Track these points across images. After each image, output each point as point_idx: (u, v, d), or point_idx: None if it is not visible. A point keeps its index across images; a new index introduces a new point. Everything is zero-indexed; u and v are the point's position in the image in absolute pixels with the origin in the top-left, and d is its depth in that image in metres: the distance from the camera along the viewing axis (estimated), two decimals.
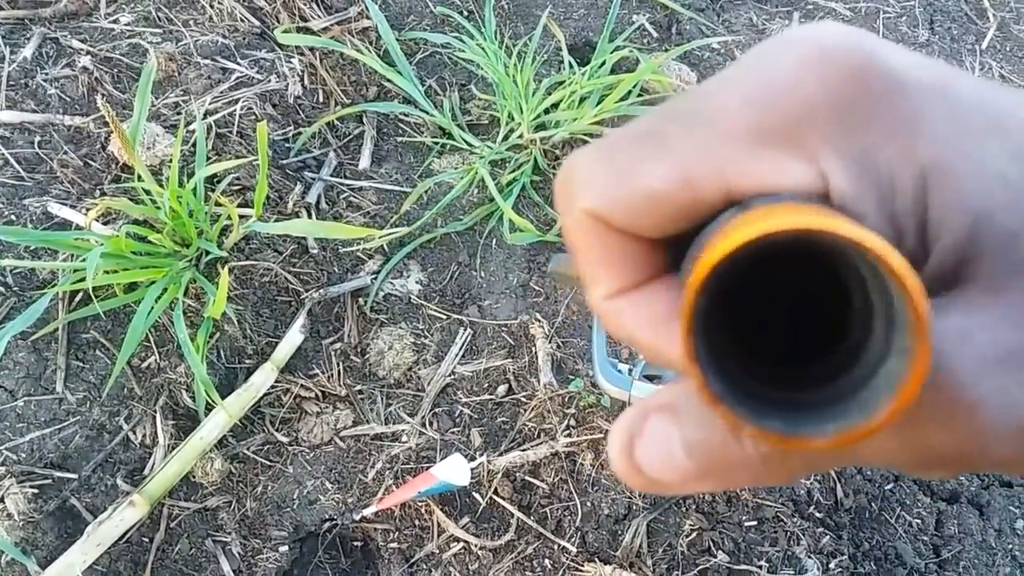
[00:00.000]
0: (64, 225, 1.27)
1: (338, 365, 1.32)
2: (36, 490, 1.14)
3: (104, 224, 1.27)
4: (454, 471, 1.14)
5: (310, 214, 1.40)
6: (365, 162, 1.51)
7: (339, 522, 1.22)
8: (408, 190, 1.46)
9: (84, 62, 1.40)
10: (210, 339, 1.25)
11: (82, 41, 1.45)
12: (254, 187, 1.26)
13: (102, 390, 1.20)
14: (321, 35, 1.53)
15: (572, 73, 1.56)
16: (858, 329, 0.20)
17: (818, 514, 1.24)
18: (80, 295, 1.21)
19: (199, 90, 1.42)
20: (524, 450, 1.25)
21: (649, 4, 1.76)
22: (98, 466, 1.18)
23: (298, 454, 1.26)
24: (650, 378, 0.96)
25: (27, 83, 1.40)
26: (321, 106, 1.53)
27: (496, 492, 1.23)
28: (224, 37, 1.50)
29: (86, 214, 1.20)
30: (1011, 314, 0.19)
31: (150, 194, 1.23)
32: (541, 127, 1.52)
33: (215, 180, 1.32)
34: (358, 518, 1.21)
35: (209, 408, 1.21)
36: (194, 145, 1.30)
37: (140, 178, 1.21)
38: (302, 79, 1.51)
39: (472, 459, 1.23)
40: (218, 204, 1.27)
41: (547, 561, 1.20)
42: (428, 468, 1.18)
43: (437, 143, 1.53)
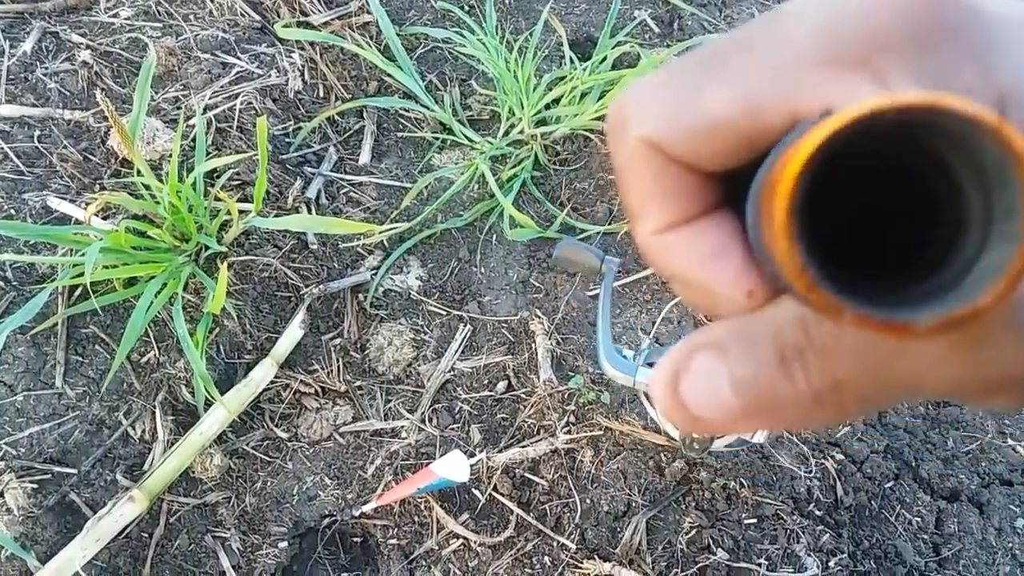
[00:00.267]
0: (63, 220, 1.26)
1: (338, 361, 1.31)
2: (35, 485, 1.14)
3: (104, 219, 1.27)
4: (453, 467, 1.14)
5: (310, 209, 1.40)
6: (365, 157, 1.50)
7: (338, 518, 1.22)
8: (408, 186, 1.46)
9: (84, 56, 1.40)
10: (209, 334, 1.25)
11: (82, 35, 1.45)
12: (254, 182, 1.26)
13: (101, 385, 1.20)
14: (321, 30, 1.52)
15: (573, 68, 1.55)
16: (948, 230, 0.19)
17: (818, 512, 1.23)
18: (79, 290, 1.21)
19: (199, 85, 1.42)
20: (524, 447, 1.25)
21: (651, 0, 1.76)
22: (97, 461, 1.18)
23: (297, 450, 1.26)
24: (654, 365, 0.95)
25: (27, 77, 1.39)
26: (321, 101, 1.52)
27: (495, 489, 1.23)
28: (224, 32, 1.49)
29: (85, 209, 1.20)
30: None
31: (150, 189, 1.23)
32: (542, 123, 1.52)
33: (215, 175, 1.32)
34: (357, 514, 1.21)
35: (208, 403, 1.21)
36: (194, 140, 1.29)
37: (140, 173, 1.20)
38: (302, 74, 1.51)
39: (471, 455, 1.23)
40: (218, 199, 1.26)
41: (546, 558, 1.20)
42: (427, 464, 1.18)
43: (437, 138, 1.53)
